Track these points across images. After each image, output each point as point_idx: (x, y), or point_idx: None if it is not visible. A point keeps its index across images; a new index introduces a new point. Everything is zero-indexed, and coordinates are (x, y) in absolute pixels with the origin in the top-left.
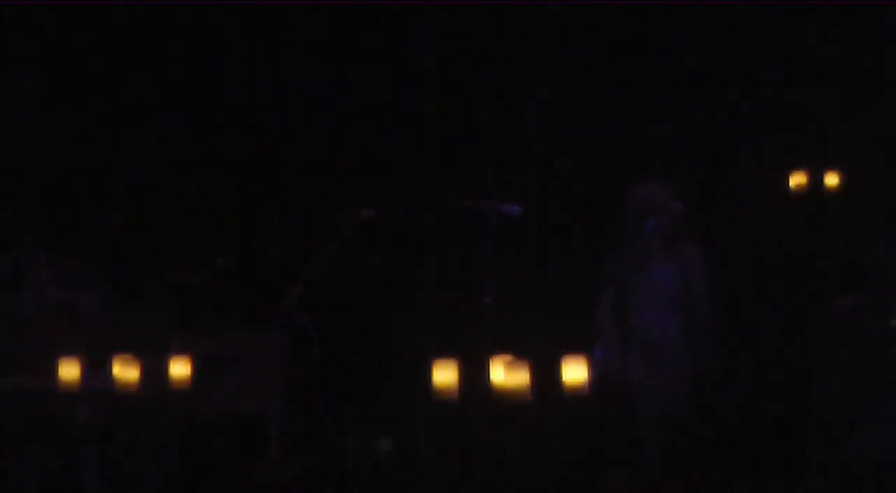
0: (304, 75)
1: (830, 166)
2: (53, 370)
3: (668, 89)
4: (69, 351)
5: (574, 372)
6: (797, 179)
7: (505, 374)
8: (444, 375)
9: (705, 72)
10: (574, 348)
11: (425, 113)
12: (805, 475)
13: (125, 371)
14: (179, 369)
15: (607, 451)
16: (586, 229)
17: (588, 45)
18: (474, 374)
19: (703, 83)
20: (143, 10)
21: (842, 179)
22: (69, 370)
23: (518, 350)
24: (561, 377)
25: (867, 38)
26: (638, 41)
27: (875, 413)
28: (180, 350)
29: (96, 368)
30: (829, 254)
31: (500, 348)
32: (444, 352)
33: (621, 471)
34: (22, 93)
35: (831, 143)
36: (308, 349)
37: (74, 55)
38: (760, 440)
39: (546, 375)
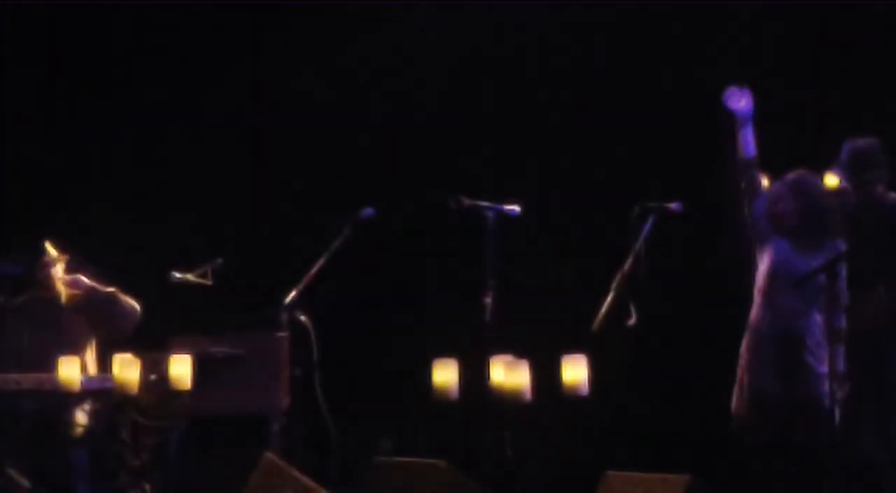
0: (303, 74)
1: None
2: (53, 370)
3: (670, 89)
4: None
5: (574, 372)
6: None
7: (505, 374)
8: (444, 375)
9: (706, 71)
10: (574, 348)
11: (425, 113)
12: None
13: (125, 371)
14: (179, 369)
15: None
16: (586, 229)
17: (589, 43)
18: (474, 374)
19: (704, 83)
20: (146, 10)
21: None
22: (69, 370)
23: (518, 350)
24: (561, 377)
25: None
26: (639, 40)
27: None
28: (180, 350)
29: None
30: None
31: (500, 348)
32: (444, 352)
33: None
34: (23, 91)
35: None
36: (308, 349)
37: (76, 54)
38: None
39: (546, 375)
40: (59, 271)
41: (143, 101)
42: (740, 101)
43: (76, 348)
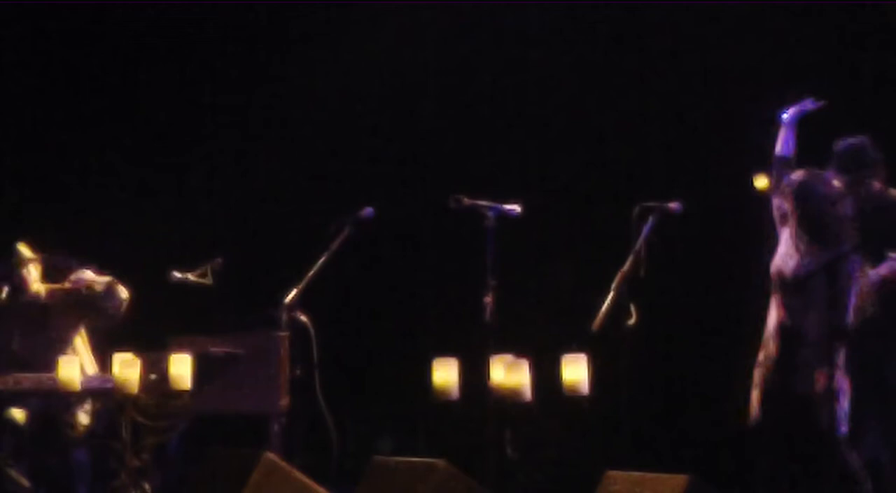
0: (303, 74)
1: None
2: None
3: (670, 88)
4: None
5: (574, 372)
6: None
7: (505, 374)
8: (444, 375)
9: (706, 71)
10: (574, 348)
11: (426, 112)
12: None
13: (125, 371)
14: (179, 369)
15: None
16: (586, 229)
17: (589, 43)
18: (474, 374)
19: (704, 82)
20: (148, 8)
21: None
22: (69, 370)
23: (518, 350)
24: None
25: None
26: (639, 39)
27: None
28: (180, 350)
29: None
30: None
31: (500, 348)
32: (444, 352)
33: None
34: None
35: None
36: (308, 349)
37: (75, 53)
38: None
39: (546, 375)
40: (32, 271)
41: (143, 100)
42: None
43: (64, 344)
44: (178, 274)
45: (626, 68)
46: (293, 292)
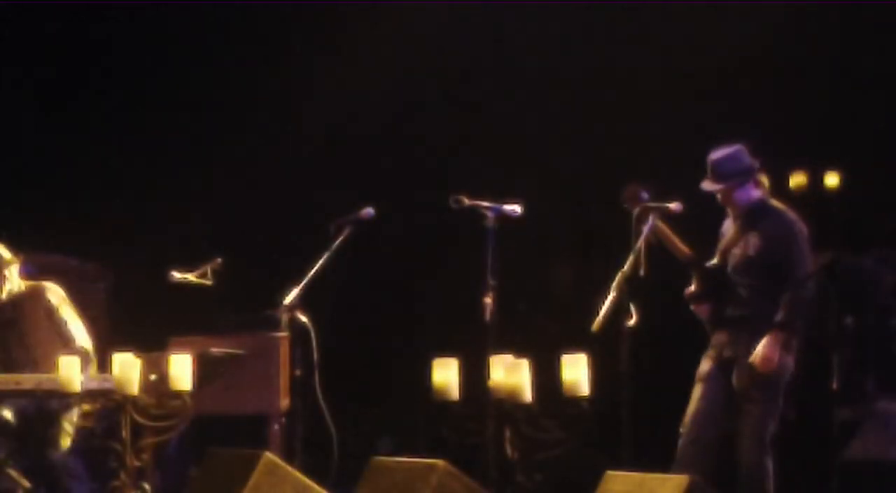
0: (304, 75)
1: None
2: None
3: (671, 88)
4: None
5: (574, 372)
6: (797, 179)
7: (505, 374)
8: (444, 375)
9: (707, 71)
10: (574, 348)
11: (426, 113)
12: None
13: (125, 371)
14: (179, 369)
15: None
16: (586, 230)
17: (589, 44)
18: (474, 374)
19: (703, 82)
20: (150, 8)
21: (842, 179)
22: (69, 370)
23: (518, 350)
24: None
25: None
26: (639, 39)
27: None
28: (180, 350)
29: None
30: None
31: (500, 348)
32: (444, 352)
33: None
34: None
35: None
36: (308, 349)
37: (75, 53)
38: None
39: (546, 375)
40: (13, 272)
41: (145, 101)
42: None
43: (36, 339)
44: (178, 274)
45: (627, 68)
46: (293, 293)
